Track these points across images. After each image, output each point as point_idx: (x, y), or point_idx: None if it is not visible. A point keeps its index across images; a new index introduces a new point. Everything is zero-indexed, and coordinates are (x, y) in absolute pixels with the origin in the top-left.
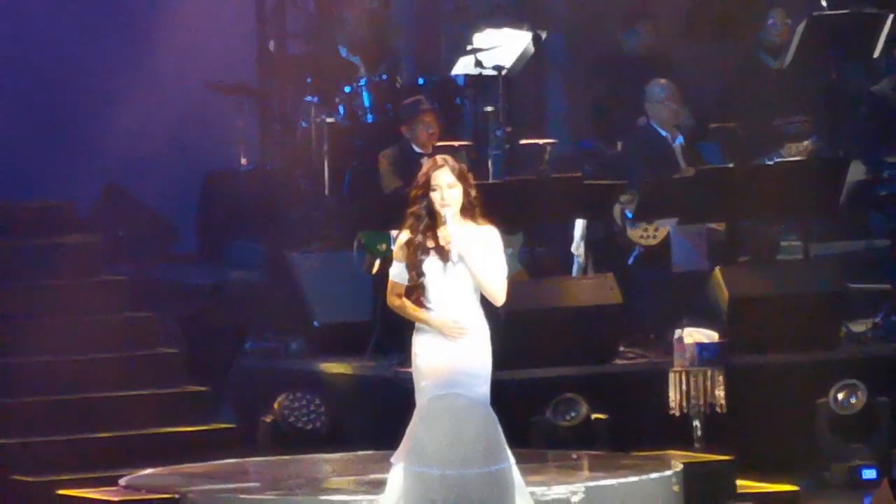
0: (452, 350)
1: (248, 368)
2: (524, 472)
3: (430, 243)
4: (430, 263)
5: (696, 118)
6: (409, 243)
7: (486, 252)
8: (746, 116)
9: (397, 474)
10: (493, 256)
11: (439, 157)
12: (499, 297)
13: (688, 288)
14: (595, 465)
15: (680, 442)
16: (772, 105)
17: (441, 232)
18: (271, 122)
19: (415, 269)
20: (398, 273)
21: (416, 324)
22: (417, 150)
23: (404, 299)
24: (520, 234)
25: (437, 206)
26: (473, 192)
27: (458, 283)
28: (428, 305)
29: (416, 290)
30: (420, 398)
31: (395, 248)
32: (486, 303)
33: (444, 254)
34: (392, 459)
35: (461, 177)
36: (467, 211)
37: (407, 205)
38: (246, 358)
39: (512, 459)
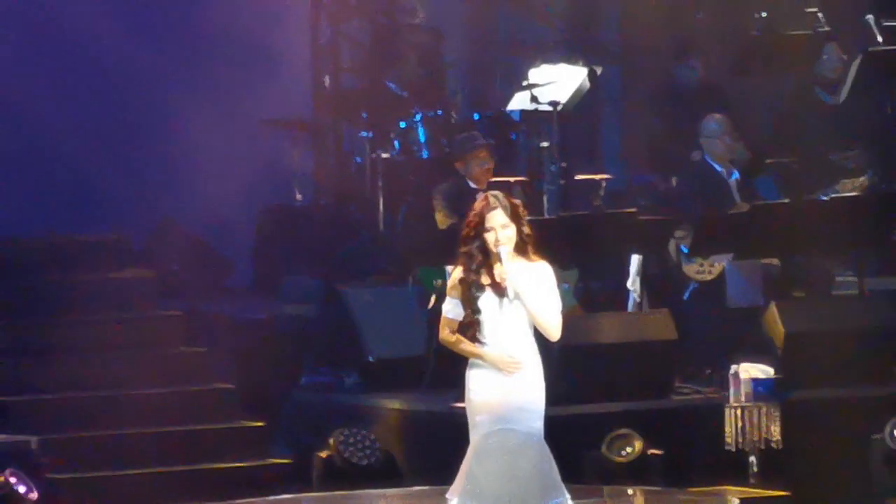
0: (507, 385)
1: (303, 403)
2: None
3: (485, 280)
4: (486, 300)
5: (751, 153)
6: (463, 281)
7: (540, 288)
8: (802, 151)
9: None
10: (548, 292)
11: (491, 197)
12: (554, 332)
13: (743, 323)
14: (651, 500)
15: (735, 478)
16: (827, 140)
17: (496, 269)
18: (326, 158)
19: (470, 305)
20: (451, 309)
21: (471, 359)
22: (472, 185)
23: (458, 335)
24: (575, 270)
25: (491, 246)
26: (527, 230)
27: (513, 319)
28: (483, 341)
29: (471, 327)
30: (474, 434)
31: (449, 285)
32: (539, 337)
33: (499, 290)
34: (448, 495)
35: (514, 216)
36: (520, 247)
37: (460, 242)
38: (301, 393)
39: (567, 495)
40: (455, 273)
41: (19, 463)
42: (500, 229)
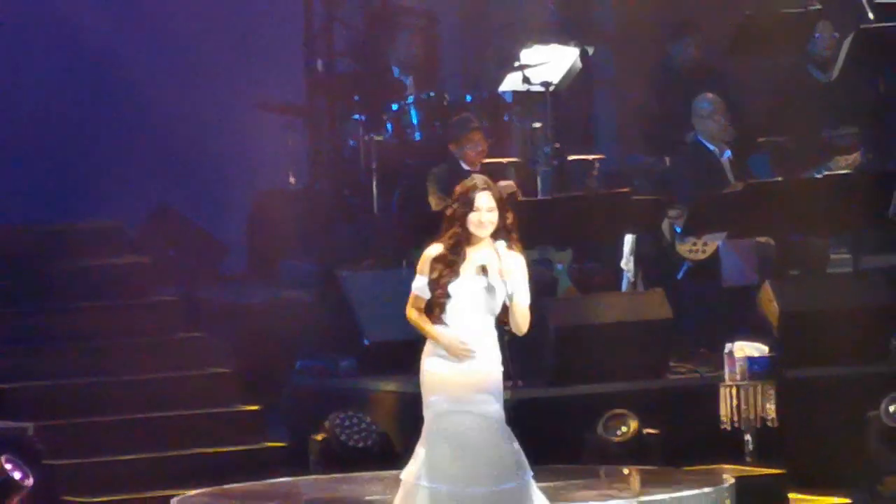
0: (462, 368)
1: (299, 387)
2: (575, 488)
3: (460, 262)
4: (456, 282)
5: (744, 132)
6: (438, 259)
7: (514, 278)
8: (795, 130)
9: (406, 490)
10: (521, 284)
11: (480, 179)
12: (525, 327)
13: (738, 302)
14: (647, 480)
15: (731, 456)
16: (820, 118)
17: (473, 252)
18: (320, 141)
19: (440, 286)
20: (421, 287)
21: (428, 339)
22: (466, 167)
23: (422, 314)
24: (569, 250)
25: (473, 228)
26: (510, 218)
27: (479, 304)
28: (446, 322)
29: (437, 307)
30: (427, 413)
31: (421, 261)
32: (536, 317)
33: (471, 274)
34: (402, 475)
35: (500, 202)
36: (500, 235)
37: (444, 220)
38: (297, 377)
39: (529, 477)
40: (429, 250)
41: (15, 449)
42: (486, 212)
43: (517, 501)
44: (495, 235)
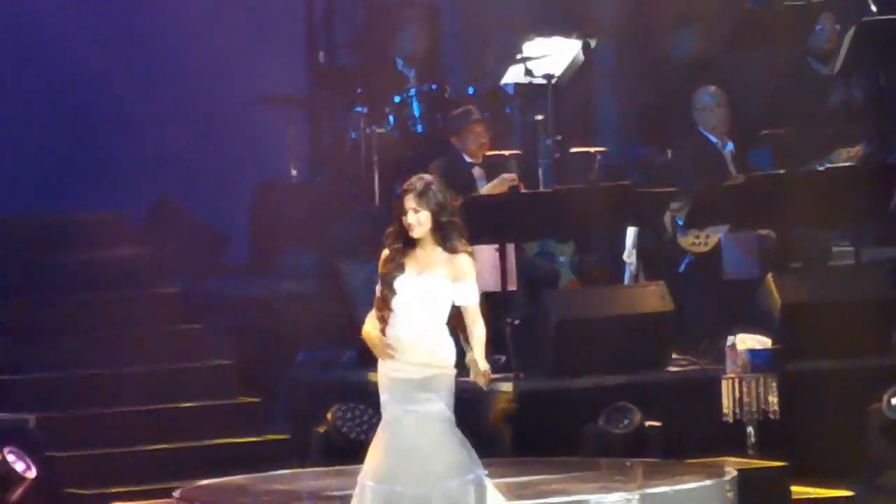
0: (409, 368)
1: (301, 379)
2: (577, 480)
3: (402, 263)
4: (398, 282)
5: (745, 124)
6: (383, 260)
7: (457, 283)
8: (796, 122)
9: (358, 489)
10: (466, 287)
11: (413, 180)
12: (475, 325)
13: (739, 295)
14: (649, 472)
15: (733, 449)
16: (822, 111)
17: (419, 252)
18: (321, 133)
19: (385, 286)
20: (377, 288)
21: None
22: (468, 160)
23: (372, 313)
24: (571, 243)
25: (407, 229)
26: (447, 218)
27: (423, 304)
28: (393, 322)
29: (383, 306)
30: (383, 413)
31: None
32: (538, 309)
33: (413, 274)
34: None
35: (428, 201)
36: (438, 237)
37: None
38: (298, 369)
39: (478, 476)
40: (383, 253)
41: (17, 441)
42: (412, 213)
43: (463, 500)
44: (441, 236)
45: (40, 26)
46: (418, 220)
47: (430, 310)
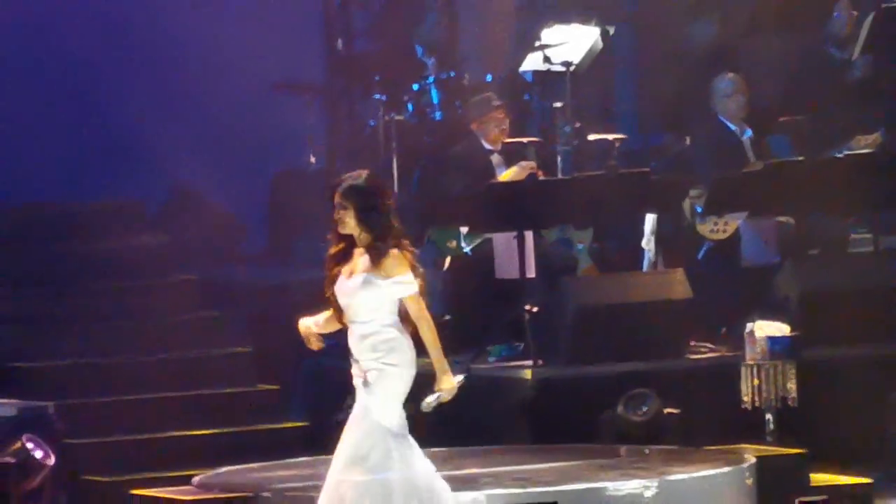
0: (356, 367)
1: (319, 367)
2: (595, 468)
3: (342, 260)
4: (339, 283)
5: (764, 111)
6: (326, 261)
7: (388, 277)
8: (814, 109)
9: None
10: (394, 281)
11: (345, 175)
12: (418, 316)
13: (758, 281)
14: (667, 459)
15: (752, 436)
16: (839, 98)
17: (354, 253)
18: (339, 121)
19: (327, 287)
20: None
21: None
22: (488, 146)
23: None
24: (589, 230)
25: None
26: (374, 214)
27: (360, 303)
28: (343, 320)
29: (332, 307)
30: None
31: None
32: (556, 296)
33: (349, 273)
34: None
35: (354, 197)
36: (367, 232)
37: (472, 202)
38: (316, 356)
39: (381, 479)
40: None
41: (36, 428)
42: (338, 208)
43: (349, 497)
44: (369, 233)
45: (60, 15)
46: (342, 217)
47: (367, 309)
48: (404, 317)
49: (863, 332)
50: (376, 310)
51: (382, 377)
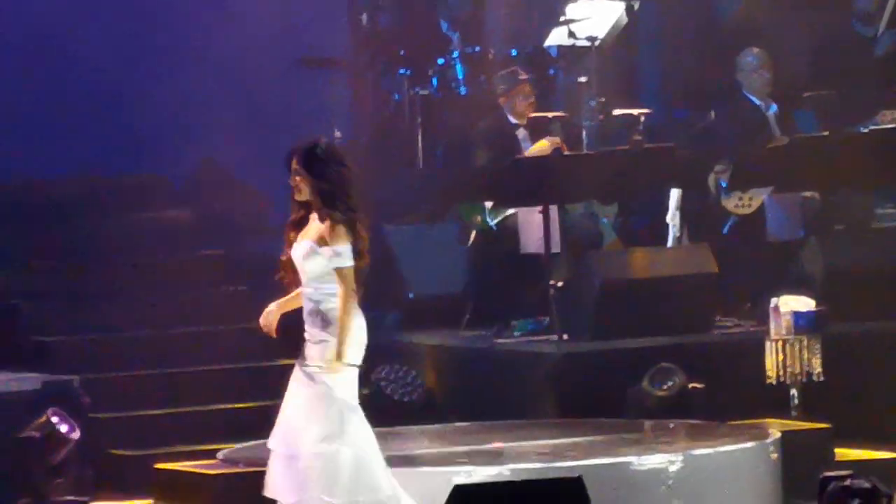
0: (306, 335)
1: None
2: (620, 442)
3: (297, 228)
4: (293, 249)
5: (789, 86)
6: (286, 227)
7: (324, 245)
8: (840, 84)
9: None
10: (329, 251)
11: (301, 142)
12: (340, 289)
13: (783, 256)
14: (692, 434)
15: (777, 410)
16: (865, 73)
17: (309, 219)
18: (364, 96)
19: (287, 248)
20: None
21: None
22: (514, 121)
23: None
24: (614, 204)
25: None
26: (326, 182)
27: (304, 271)
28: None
29: (289, 270)
30: None
31: None
32: (581, 271)
33: (296, 242)
34: None
35: (307, 163)
36: (318, 199)
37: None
38: None
39: (322, 451)
40: None
41: (62, 402)
42: (292, 175)
43: (294, 469)
44: (320, 200)
45: None
46: (298, 183)
47: (311, 278)
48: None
49: (888, 307)
50: (320, 278)
51: (328, 348)
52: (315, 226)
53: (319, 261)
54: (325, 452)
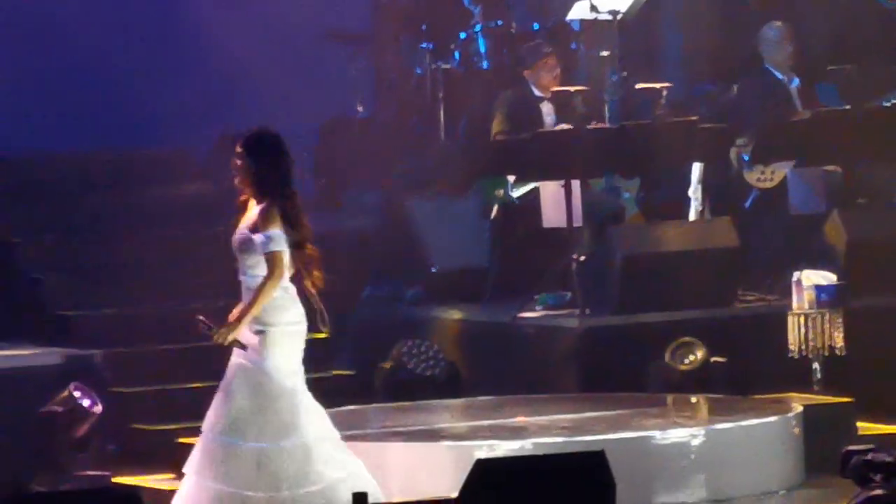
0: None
1: (366, 315)
2: (642, 416)
3: (243, 211)
4: (234, 237)
5: (811, 60)
6: (237, 205)
7: (255, 231)
8: (863, 58)
9: None
10: (258, 237)
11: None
12: (266, 273)
13: (805, 230)
14: (715, 408)
15: (799, 384)
16: (888, 46)
17: (250, 204)
18: (387, 70)
19: (232, 231)
20: None
21: None
22: (538, 93)
23: None
24: (636, 179)
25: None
26: (262, 168)
27: (241, 257)
28: None
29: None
30: None
31: None
32: (604, 245)
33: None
34: None
35: (248, 149)
36: (254, 186)
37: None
38: (364, 305)
39: (269, 444)
40: None
41: (84, 377)
42: (234, 159)
43: (239, 459)
44: (255, 187)
45: None
46: (236, 167)
47: (247, 264)
48: (296, 273)
49: None
50: (255, 265)
51: (265, 336)
52: (252, 213)
53: (252, 247)
54: (224, 441)
